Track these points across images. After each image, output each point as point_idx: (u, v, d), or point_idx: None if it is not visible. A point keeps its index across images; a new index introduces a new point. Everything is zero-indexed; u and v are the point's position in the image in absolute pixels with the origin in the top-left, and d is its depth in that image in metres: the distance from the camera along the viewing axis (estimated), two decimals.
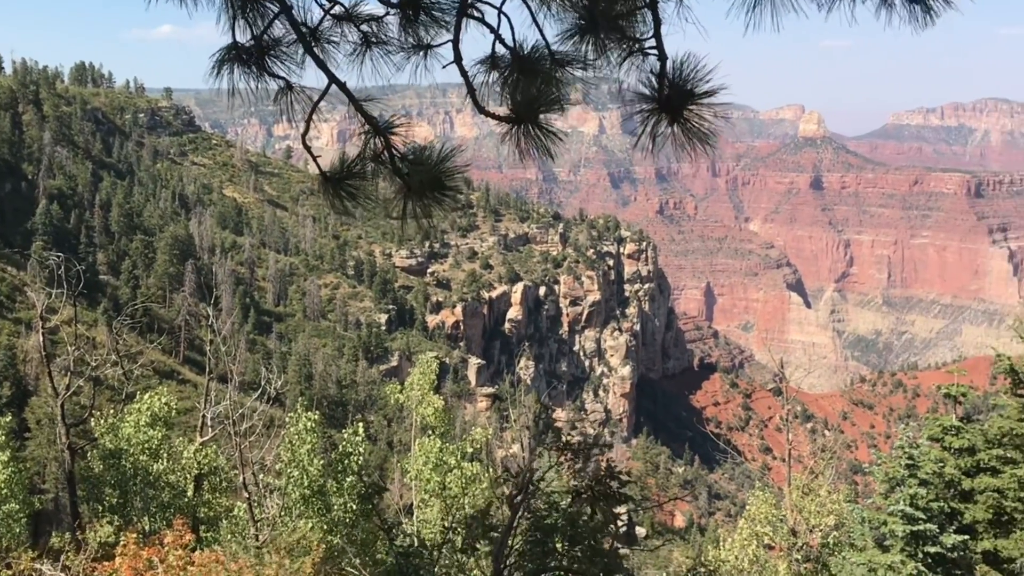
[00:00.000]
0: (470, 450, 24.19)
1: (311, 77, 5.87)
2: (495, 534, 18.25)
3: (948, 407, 25.41)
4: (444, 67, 5.72)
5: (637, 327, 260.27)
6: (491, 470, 23.24)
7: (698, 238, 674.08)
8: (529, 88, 5.82)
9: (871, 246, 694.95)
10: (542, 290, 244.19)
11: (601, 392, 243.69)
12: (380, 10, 6.13)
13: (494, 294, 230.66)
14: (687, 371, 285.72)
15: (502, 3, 5.48)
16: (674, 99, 5.25)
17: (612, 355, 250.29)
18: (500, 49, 5.61)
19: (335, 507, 22.89)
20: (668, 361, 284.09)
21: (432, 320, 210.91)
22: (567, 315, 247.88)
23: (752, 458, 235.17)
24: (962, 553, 21.28)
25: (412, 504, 25.22)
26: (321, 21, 5.97)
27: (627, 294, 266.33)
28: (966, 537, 21.30)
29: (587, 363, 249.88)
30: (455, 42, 5.56)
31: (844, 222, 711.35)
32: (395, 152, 5.67)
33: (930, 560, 20.49)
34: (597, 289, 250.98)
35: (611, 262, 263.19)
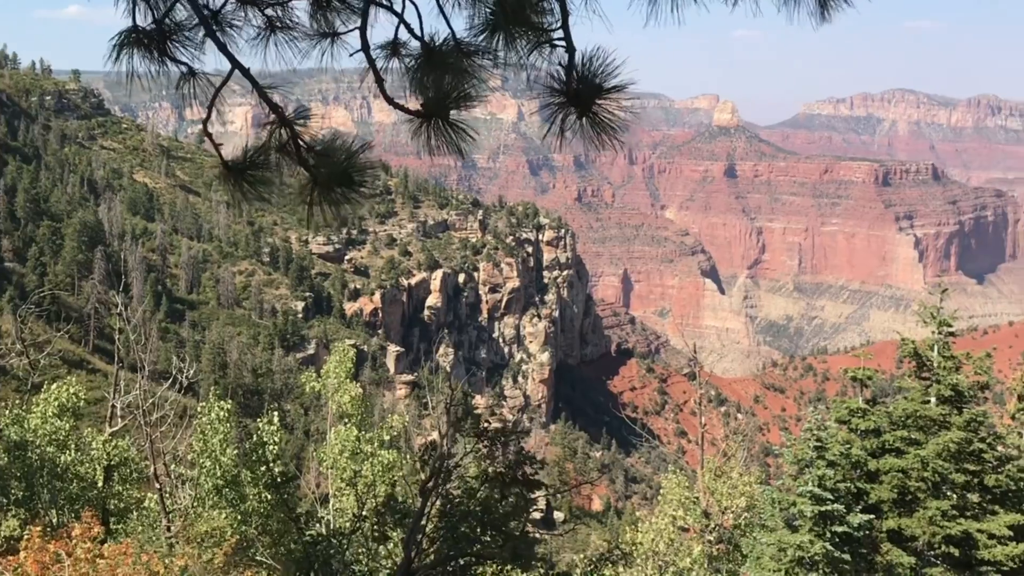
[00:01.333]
0: (387, 438, 24.09)
1: (216, 62, 5.74)
2: (408, 521, 18.24)
3: (855, 390, 26.14)
4: (351, 55, 5.65)
5: (556, 314, 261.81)
6: (408, 457, 23.19)
7: (615, 225, 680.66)
8: (440, 82, 5.77)
9: (783, 233, 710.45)
10: (461, 277, 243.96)
11: (520, 378, 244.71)
12: None
13: (413, 281, 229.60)
14: (605, 357, 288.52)
15: None
16: (583, 93, 5.26)
17: (531, 341, 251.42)
18: (404, 35, 5.56)
19: (250, 497, 22.59)
20: (586, 347, 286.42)
21: (350, 307, 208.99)
22: (486, 302, 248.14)
23: (668, 442, 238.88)
24: (868, 532, 21.95)
25: (328, 493, 25.02)
26: (224, 4, 5.83)
27: (546, 281, 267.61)
28: (871, 516, 21.97)
29: (506, 350, 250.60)
30: (362, 29, 5.49)
31: (757, 210, 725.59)
32: (301, 143, 5.58)
33: (837, 539, 21.09)
34: (516, 276, 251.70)
35: (530, 249, 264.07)
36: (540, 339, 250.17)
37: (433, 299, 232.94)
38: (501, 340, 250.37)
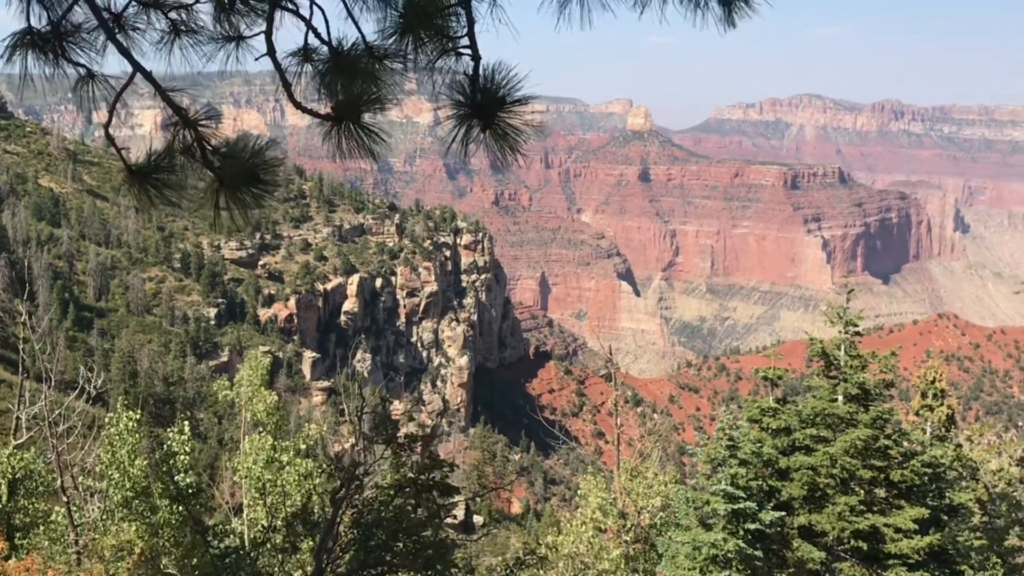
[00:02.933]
0: (303, 446, 23.74)
1: (121, 64, 5.60)
2: (318, 531, 18.03)
3: (767, 390, 26.67)
4: (257, 59, 5.57)
5: (474, 317, 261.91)
6: (325, 466, 22.89)
7: (533, 228, 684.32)
8: (350, 86, 5.73)
9: (695, 236, 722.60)
10: (379, 282, 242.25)
11: (439, 383, 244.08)
12: None
13: (329, 286, 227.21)
14: (523, 359, 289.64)
15: None
16: (486, 105, 5.27)
17: (450, 346, 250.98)
18: (314, 40, 5.50)
19: (161, 509, 22.06)
20: (505, 350, 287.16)
21: (264, 313, 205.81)
22: (404, 306, 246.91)
23: (586, 443, 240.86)
24: (779, 529, 22.42)
25: (243, 503, 24.57)
26: (126, 7, 5.70)
27: (464, 285, 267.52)
28: (783, 513, 22.45)
29: (425, 354, 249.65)
30: (268, 34, 5.41)
31: (670, 213, 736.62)
32: (206, 145, 5.48)
33: (750, 536, 21.49)
34: (434, 280, 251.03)
35: (448, 253, 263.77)
36: (458, 343, 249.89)
37: (350, 304, 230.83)
38: (419, 344, 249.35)
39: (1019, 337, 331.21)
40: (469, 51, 5.39)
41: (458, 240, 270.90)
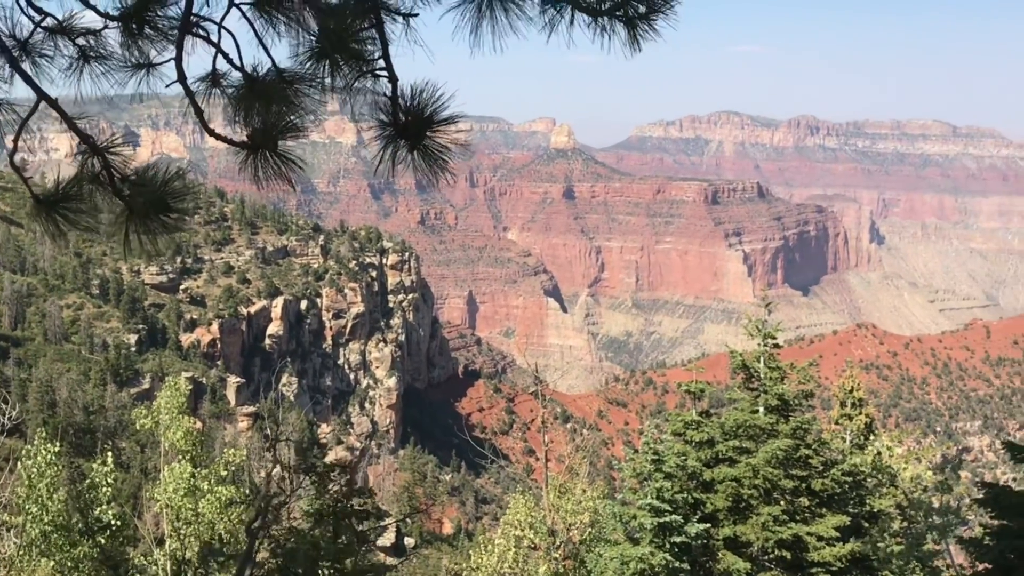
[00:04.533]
0: (224, 473, 23.33)
1: (27, 90, 5.51)
2: (235, 562, 17.72)
3: (692, 403, 27.07)
4: (167, 86, 5.52)
5: (402, 338, 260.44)
6: (247, 493, 22.52)
7: (459, 247, 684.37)
8: (266, 112, 5.71)
9: (620, 252, 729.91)
10: (304, 304, 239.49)
11: (367, 404, 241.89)
12: (98, 23, 5.84)
13: (253, 310, 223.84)
14: (452, 379, 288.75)
15: (222, 18, 5.35)
16: (413, 126, 5.31)
17: (378, 367, 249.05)
18: (224, 65, 5.48)
19: (81, 543, 21.50)
20: (433, 370, 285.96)
21: (186, 339, 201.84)
22: (330, 328, 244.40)
23: (516, 461, 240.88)
24: (705, 540, 22.72)
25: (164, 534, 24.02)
26: (32, 34, 5.61)
27: (391, 305, 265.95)
28: (708, 525, 22.77)
29: (352, 376, 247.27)
30: (178, 60, 5.37)
31: (595, 229, 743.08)
32: (115, 173, 5.41)
33: (676, 550, 21.75)
34: (360, 301, 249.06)
35: (374, 273, 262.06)
36: (386, 364, 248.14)
37: (274, 327, 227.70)
38: (347, 366, 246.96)
39: (935, 345, 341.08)
40: (386, 73, 5.42)
41: (384, 260, 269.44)
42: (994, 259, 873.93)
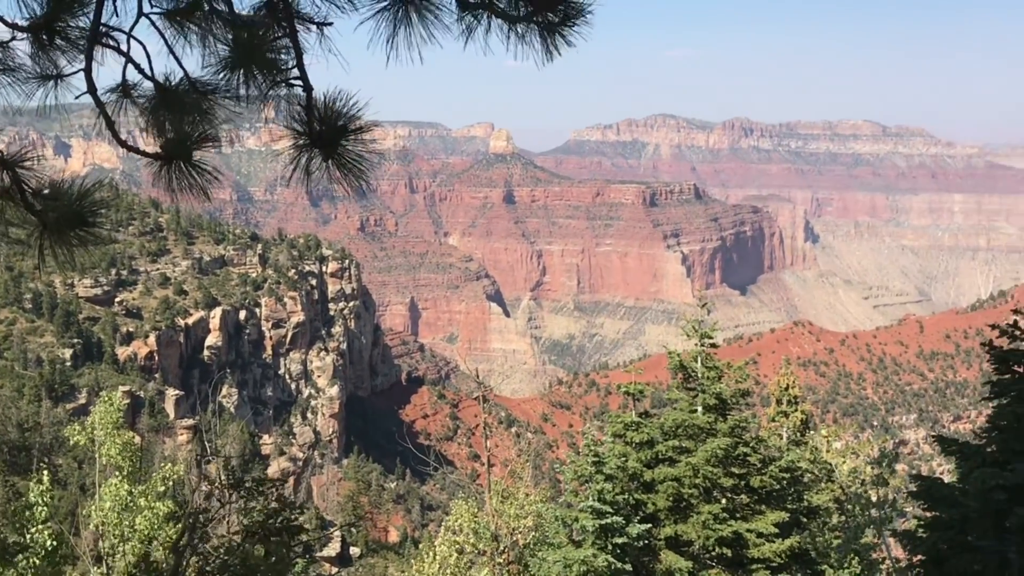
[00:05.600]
0: (161, 488, 22.88)
1: None
2: None
3: (633, 404, 27.23)
4: (77, 97, 5.40)
5: (343, 346, 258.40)
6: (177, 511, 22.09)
7: (400, 254, 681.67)
8: (179, 123, 5.61)
9: (561, 255, 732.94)
10: (242, 314, 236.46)
11: (310, 414, 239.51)
12: (6, 34, 5.70)
13: (190, 321, 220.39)
14: (396, 386, 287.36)
15: (131, 28, 5.25)
16: (326, 135, 5.26)
17: (319, 376, 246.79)
18: (136, 76, 5.38)
19: (18, 563, 20.93)
20: (376, 378, 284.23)
21: (123, 352, 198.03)
22: (270, 338, 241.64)
23: (462, 466, 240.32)
24: (647, 541, 22.88)
25: (100, 553, 23.48)
26: None
27: (332, 313, 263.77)
28: (649, 526, 22.93)
29: (294, 386, 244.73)
30: (87, 71, 5.26)
31: (536, 233, 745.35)
32: (26, 187, 5.27)
33: (619, 551, 21.86)
34: (300, 310, 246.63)
35: (314, 282, 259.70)
36: (328, 373, 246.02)
37: (213, 338, 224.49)
38: (288, 376, 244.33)
39: (870, 341, 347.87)
40: (301, 82, 5.37)
41: (324, 268, 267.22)
42: (925, 255, 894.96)
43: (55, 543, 22.05)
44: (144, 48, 5.34)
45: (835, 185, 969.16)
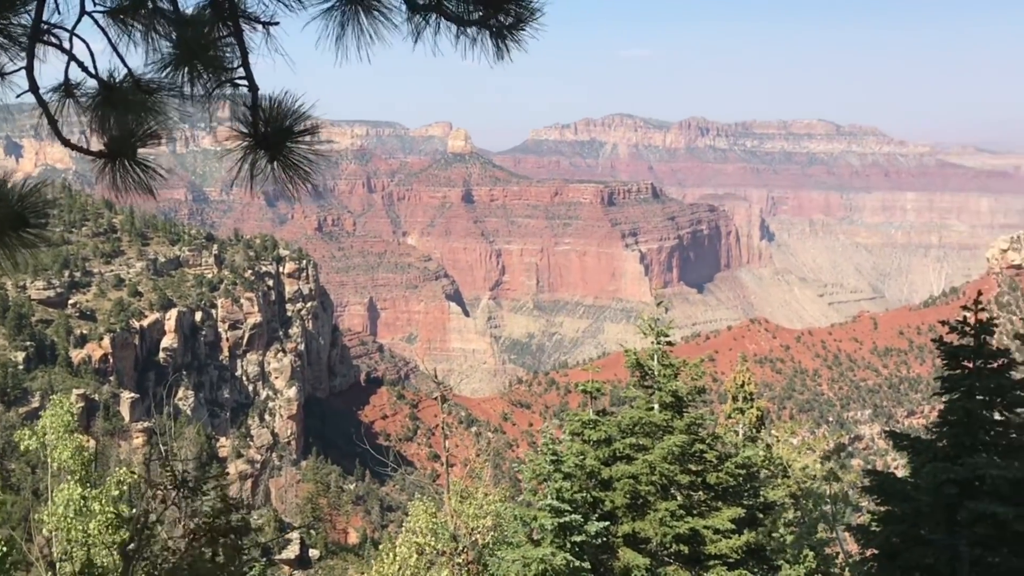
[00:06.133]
0: (116, 492, 22.59)
1: None
2: None
3: (591, 402, 27.31)
4: (18, 96, 5.31)
5: (301, 347, 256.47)
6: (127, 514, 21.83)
7: (358, 254, 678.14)
8: (124, 121, 5.54)
9: (520, 254, 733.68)
10: (198, 315, 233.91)
11: (267, 416, 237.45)
12: None
13: (145, 323, 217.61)
14: (354, 387, 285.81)
15: (74, 25, 5.17)
16: (272, 135, 5.21)
17: (277, 377, 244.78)
18: (80, 74, 5.29)
19: None
20: (335, 379, 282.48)
21: (77, 355, 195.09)
22: (227, 339, 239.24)
23: (422, 467, 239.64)
24: (605, 539, 22.97)
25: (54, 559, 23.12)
26: None
27: (289, 314, 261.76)
28: (607, 523, 23.03)
29: (251, 387, 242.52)
30: (29, 69, 5.17)
31: (495, 233, 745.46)
32: None
33: (577, 549, 21.93)
34: (257, 311, 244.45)
35: (271, 282, 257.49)
36: (286, 374, 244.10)
37: (168, 340, 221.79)
38: (245, 378, 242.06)
39: (825, 338, 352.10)
40: (246, 83, 5.32)
41: (281, 269, 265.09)
42: (879, 253, 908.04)
43: (6, 549, 21.71)
44: (87, 46, 5.26)
45: (790, 184, 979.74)
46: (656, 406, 24.63)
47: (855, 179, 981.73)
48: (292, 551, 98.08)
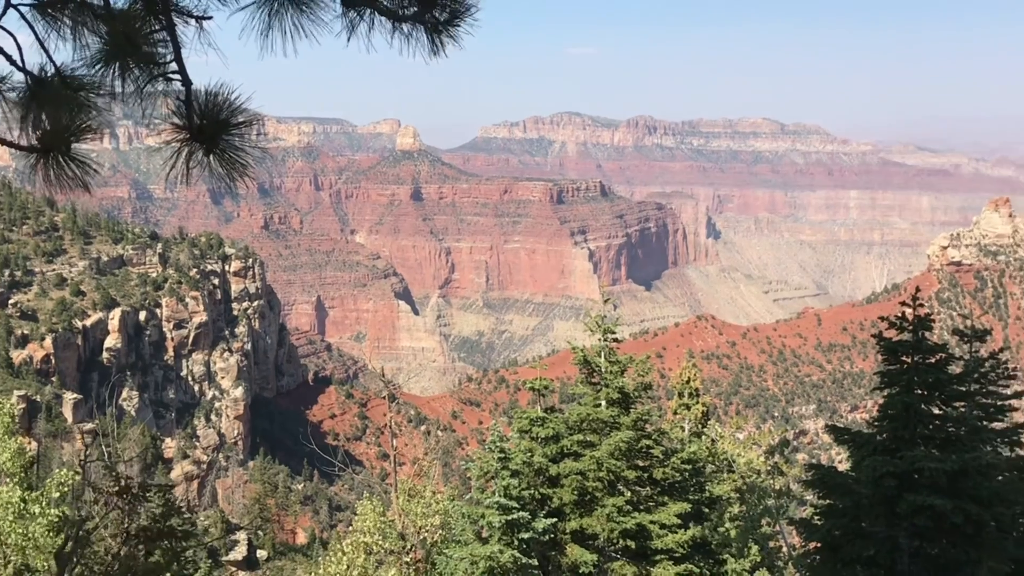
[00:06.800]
0: (56, 495, 22.18)
1: None
2: None
3: (542, 400, 27.37)
4: None
5: (248, 346, 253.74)
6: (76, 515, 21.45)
7: (306, 252, 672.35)
8: (56, 115, 5.44)
9: (470, 252, 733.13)
10: (143, 315, 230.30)
11: (214, 416, 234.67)
12: None
13: (88, 323, 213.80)
14: (302, 386, 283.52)
15: None
16: (207, 129, 5.15)
17: (223, 377, 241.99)
18: (7, 67, 5.18)
19: None
20: (282, 378, 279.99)
21: (18, 355, 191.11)
22: (172, 339, 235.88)
23: (371, 466, 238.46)
24: (552, 535, 23.05)
25: None
26: None
27: (235, 313, 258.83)
28: (555, 520, 23.11)
29: (197, 388, 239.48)
30: None
31: (444, 231, 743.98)
32: None
33: (525, 546, 21.99)
34: (203, 310, 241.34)
35: (216, 281, 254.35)
36: (232, 374, 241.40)
37: (112, 340, 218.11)
38: (190, 378, 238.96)
39: (770, 334, 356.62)
40: (179, 76, 5.25)
41: (227, 267, 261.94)
42: (822, 250, 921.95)
43: None
44: (15, 39, 5.15)
45: (736, 182, 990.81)
46: (603, 403, 24.76)
47: (799, 177, 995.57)
48: (240, 552, 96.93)
